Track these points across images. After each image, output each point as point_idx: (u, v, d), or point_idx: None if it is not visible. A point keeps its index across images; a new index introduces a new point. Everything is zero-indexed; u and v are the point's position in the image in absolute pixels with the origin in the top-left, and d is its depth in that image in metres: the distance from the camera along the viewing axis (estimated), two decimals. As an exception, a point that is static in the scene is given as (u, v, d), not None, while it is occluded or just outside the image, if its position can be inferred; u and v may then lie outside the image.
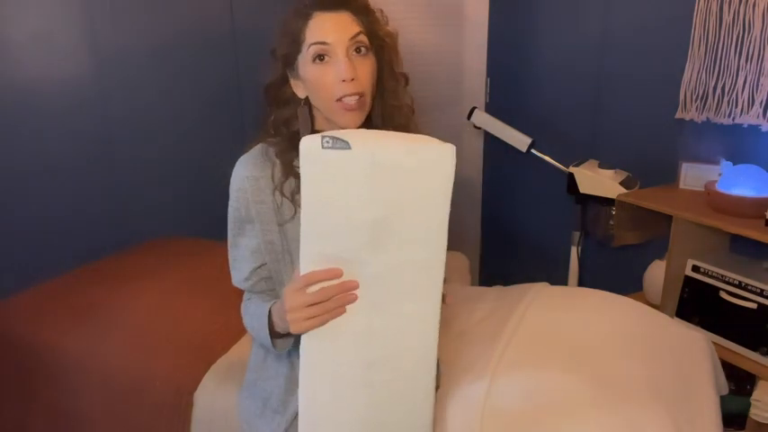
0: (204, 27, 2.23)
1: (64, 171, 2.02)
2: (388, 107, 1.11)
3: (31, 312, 1.70)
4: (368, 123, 1.13)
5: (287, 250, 1.10)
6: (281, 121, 1.11)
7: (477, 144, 2.79)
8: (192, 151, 2.23)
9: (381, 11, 1.10)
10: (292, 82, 1.09)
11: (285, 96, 1.10)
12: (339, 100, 1.02)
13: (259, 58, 1.17)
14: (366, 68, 1.04)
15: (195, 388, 1.40)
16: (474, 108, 2.37)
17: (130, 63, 2.10)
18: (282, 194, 1.08)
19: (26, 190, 1.97)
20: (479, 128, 2.41)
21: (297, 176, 1.09)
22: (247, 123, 1.20)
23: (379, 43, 1.08)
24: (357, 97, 1.02)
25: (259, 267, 1.11)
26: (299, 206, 1.06)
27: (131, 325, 1.60)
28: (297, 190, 1.08)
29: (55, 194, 2.01)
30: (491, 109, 2.62)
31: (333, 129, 1.03)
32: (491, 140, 2.66)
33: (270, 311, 1.05)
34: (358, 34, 1.02)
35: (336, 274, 0.91)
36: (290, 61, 1.06)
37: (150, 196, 2.19)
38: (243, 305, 1.15)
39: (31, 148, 1.95)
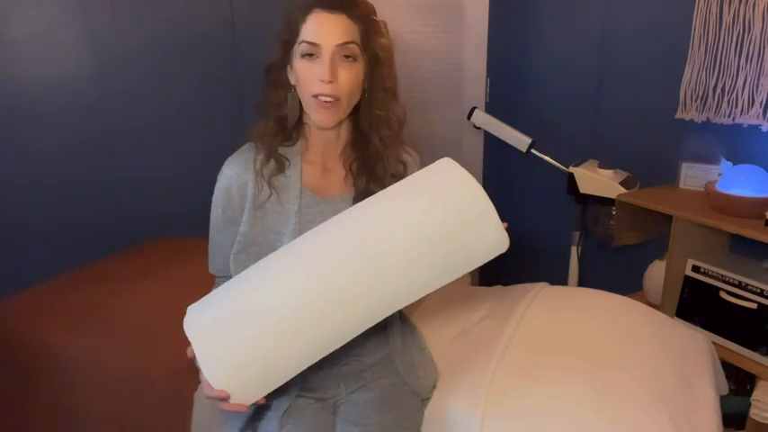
0: (205, 27, 2.23)
1: (63, 170, 2.02)
2: (375, 116, 1.14)
3: (31, 312, 1.69)
4: (356, 129, 1.16)
5: (263, 241, 1.12)
6: (274, 103, 1.15)
7: (477, 144, 2.79)
8: (192, 151, 2.23)
9: (384, 23, 1.13)
10: (288, 68, 1.13)
11: (281, 80, 1.14)
12: (316, 96, 1.06)
13: (259, 57, 1.18)
14: (349, 75, 1.07)
15: (195, 388, 1.40)
16: (474, 108, 2.37)
17: (130, 63, 2.09)
18: (262, 176, 1.12)
19: (25, 190, 1.96)
20: (479, 128, 2.41)
21: (278, 160, 1.14)
22: (247, 123, 1.21)
23: (371, 54, 1.10)
24: (332, 99, 1.06)
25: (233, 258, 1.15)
26: (275, 188, 1.12)
27: (131, 325, 1.60)
28: (275, 173, 1.13)
29: (54, 194, 2.01)
30: (491, 109, 2.62)
31: (313, 121, 1.11)
32: (491, 140, 2.66)
33: None
34: (348, 43, 1.06)
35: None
36: (287, 48, 1.10)
37: (150, 196, 2.19)
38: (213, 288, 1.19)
39: (31, 148, 1.95)
